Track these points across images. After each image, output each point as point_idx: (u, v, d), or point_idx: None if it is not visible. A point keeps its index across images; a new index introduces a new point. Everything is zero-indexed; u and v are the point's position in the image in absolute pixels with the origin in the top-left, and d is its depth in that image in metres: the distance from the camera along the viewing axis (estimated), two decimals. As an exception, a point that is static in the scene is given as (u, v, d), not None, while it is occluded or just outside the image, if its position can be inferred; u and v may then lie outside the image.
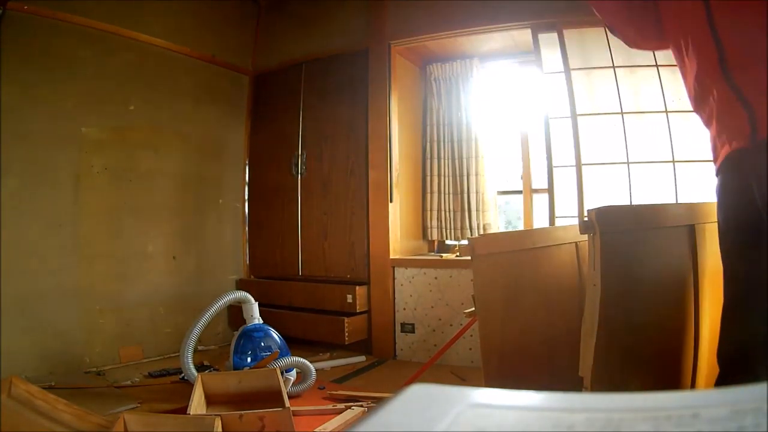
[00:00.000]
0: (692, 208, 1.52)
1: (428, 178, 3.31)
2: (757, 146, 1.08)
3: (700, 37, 1.15)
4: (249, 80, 3.59)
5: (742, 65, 1.09)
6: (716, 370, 1.43)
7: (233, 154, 3.49)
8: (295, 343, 2.74)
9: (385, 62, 3.05)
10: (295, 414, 1.80)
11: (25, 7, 2.41)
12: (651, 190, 2.44)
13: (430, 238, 3.33)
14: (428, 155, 3.32)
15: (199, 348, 2.94)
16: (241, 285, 3.37)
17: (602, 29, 2.54)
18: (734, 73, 1.10)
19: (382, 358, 2.90)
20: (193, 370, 2.12)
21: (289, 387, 2.14)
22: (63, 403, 1.48)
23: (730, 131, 1.14)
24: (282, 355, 2.18)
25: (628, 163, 2.46)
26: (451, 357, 2.68)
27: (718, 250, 1.46)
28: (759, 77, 1.06)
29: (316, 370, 2.27)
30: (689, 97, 1.25)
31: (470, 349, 2.69)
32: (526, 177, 3.13)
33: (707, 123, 1.21)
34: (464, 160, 3.18)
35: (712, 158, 1.26)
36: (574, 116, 2.52)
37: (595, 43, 2.56)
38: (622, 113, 2.49)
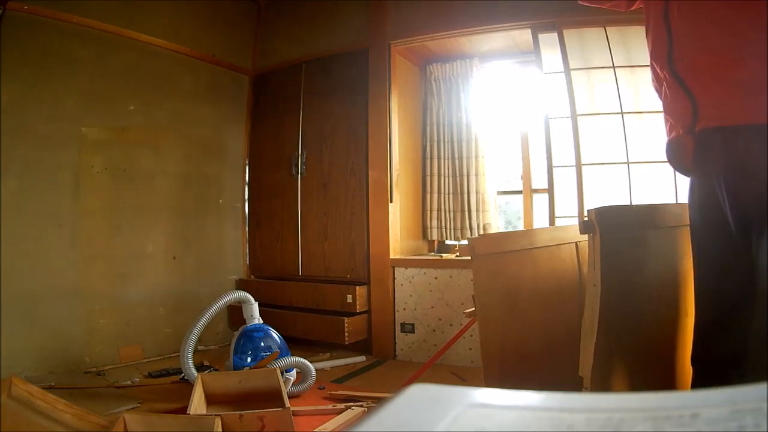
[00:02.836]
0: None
1: (428, 178, 3.31)
2: (697, 135, 1.12)
3: (657, 25, 1.20)
4: (249, 80, 3.59)
5: (684, 56, 1.14)
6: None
7: (233, 154, 3.49)
8: (295, 343, 2.74)
9: (385, 62, 3.05)
10: (295, 414, 1.80)
11: (25, 7, 2.41)
12: (651, 190, 2.44)
13: (430, 238, 3.33)
14: (428, 155, 3.32)
15: (199, 348, 2.94)
16: (241, 285, 3.37)
17: (602, 29, 2.54)
18: (677, 63, 1.14)
19: (382, 358, 2.90)
20: (193, 370, 2.12)
21: (289, 387, 2.14)
22: (63, 403, 1.48)
23: (675, 118, 1.19)
24: (282, 355, 2.18)
25: (628, 163, 2.46)
26: (451, 357, 2.68)
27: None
28: (698, 68, 1.10)
29: (316, 370, 2.27)
30: (651, 80, 1.30)
31: (470, 349, 2.69)
32: (526, 177, 3.13)
33: (663, 107, 1.25)
34: (464, 160, 3.18)
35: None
36: (574, 116, 2.52)
37: (595, 43, 2.56)
38: (622, 113, 2.49)
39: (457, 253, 3.00)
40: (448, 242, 3.33)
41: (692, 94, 1.12)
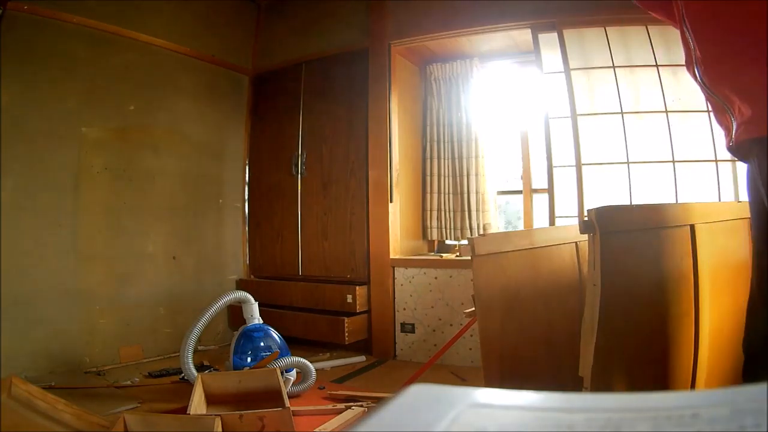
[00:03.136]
0: (692, 208, 1.52)
1: (428, 178, 3.31)
2: (738, 146, 1.10)
3: (682, 33, 1.17)
4: (249, 80, 3.59)
5: (707, 64, 1.11)
6: (716, 370, 1.43)
7: (233, 154, 3.49)
8: (295, 343, 2.74)
9: (385, 62, 3.05)
10: (295, 414, 1.80)
11: (25, 7, 2.41)
12: (651, 190, 2.44)
13: (430, 238, 3.33)
14: (428, 155, 3.32)
15: (199, 348, 2.94)
16: (241, 285, 3.37)
17: (602, 29, 2.54)
18: (703, 72, 1.12)
19: (382, 358, 2.90)
20: (193, 370, 2.12)
21: (289, 387, 2.14)
22: (63, 403, 1.48)
23: (721, 125, 1.17)
24: (282, 355, 2.18)
25: (628, 163, 2.46)
26: (451, 357, 2.68)
27: (718, 250, 1.47)
28: (722, 76, 1.08)
29: (316, 370, 2.27)
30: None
31: (470, 349, 2.69)
32: (526, 177, 3.13)
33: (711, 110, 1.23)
34: (464, 160, 3.18)
35: None
36: (574, 116, 2.52)
37: (595, 43, 2.56)
38: (622, 113, 2.49)
39: (457, 253, 3.00)
40: (448, 242, 3.33)
41: (725, 103, 1.08)
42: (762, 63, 0.97)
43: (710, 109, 1.18)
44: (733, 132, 1.09)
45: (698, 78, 1.13)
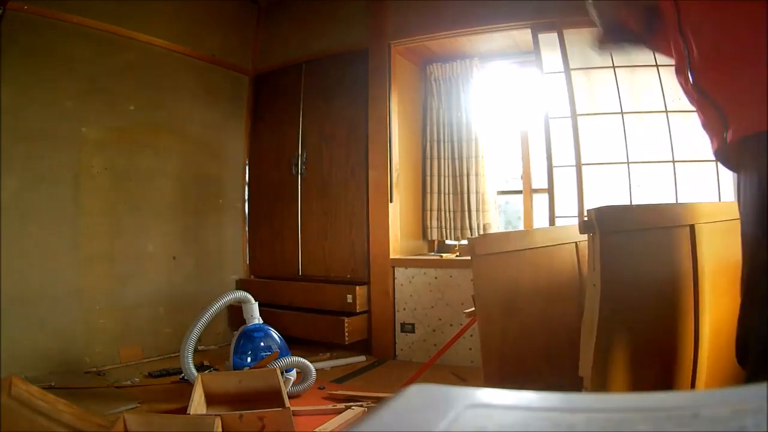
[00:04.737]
0: (692, 208, 1.52)
1: (428, 178, 3.31)
2: (730, 147, 1.10)
3: (675, 38, 1.18)
4: (249, 80, 3.59)
5: (704, 67, 1.11)
6: (716, 371, 1.43)
7: (233, 154, 3.49)
8: (295, 343, 2.74)
9: (385, 62, 3.05)
10: (295, 414, 1.80)
11: (25, 7, 2.41)
12: (651, 190, 2.44)
13: (430, 238, 3.33)
14: (428, 155, 3.32)
15: (199, 348, 2.94)
16: (241, 285, 3.37)
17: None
18: (698, 74, 1.12)
19: (382, 358, 2.90)
20: (193, 370, 2.12)
21: (289, 387, 2.14)
22: (63, 403, 1.48)
23: (710, 130, 1.17)
24: (282, 355, 2.18)
25: (628, 163, 2.46)
26: (451, 357, 2.68)
27: (718, 250, 1.46)
28: (719, 78, 1.08)
29: (316, 370, 2.27)
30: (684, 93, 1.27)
31: (470, 349, 2.69)
32: (526, 177, 3.13)
33: (699, 119, 1.23)
34: (464, 160, 3.18)
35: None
36: (574, 116, 2.52)
37: (595, 43, 2.56)
38: (622, 113, 2.49)
39: (457, 253, 3.00)
40: (448, 242, 3.33)
41: (719, 105, 1.08)
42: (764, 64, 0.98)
43: (698, 112, 1.18)
44: (728, 134, 1.09)
45: (693, 82, 1.14)
